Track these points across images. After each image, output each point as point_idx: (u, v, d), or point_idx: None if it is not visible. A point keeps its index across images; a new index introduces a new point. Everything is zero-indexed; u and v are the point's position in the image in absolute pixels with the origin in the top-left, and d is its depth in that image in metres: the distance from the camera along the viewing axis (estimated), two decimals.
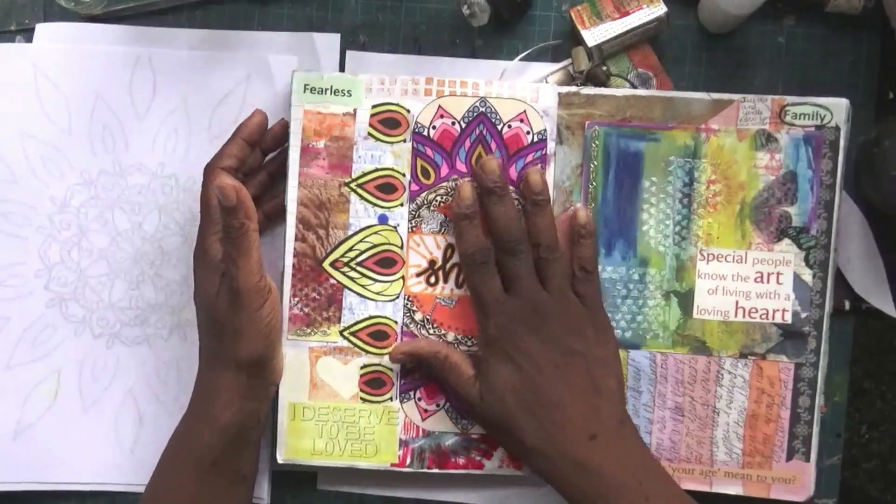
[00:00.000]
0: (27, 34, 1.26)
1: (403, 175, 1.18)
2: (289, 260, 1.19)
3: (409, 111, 1.18)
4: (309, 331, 1.19)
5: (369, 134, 1.18)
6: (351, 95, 1.18)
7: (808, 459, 1.18)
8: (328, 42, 1.26)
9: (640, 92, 1.19)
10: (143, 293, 1.26)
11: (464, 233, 1.14)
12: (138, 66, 1.25)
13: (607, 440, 1.11)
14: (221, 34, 1.26)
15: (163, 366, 1.26)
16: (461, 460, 1.21)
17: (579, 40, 1.22)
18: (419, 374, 1.20)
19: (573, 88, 1.19)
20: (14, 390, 1.25)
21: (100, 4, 1.23)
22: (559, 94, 1.19)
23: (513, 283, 1.13)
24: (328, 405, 1.19)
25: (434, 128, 1.18)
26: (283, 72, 1.24)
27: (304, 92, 1.17)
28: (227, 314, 1.11)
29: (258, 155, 1.20)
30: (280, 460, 1.19)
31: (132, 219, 1.26)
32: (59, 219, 1.26)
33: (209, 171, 1.14)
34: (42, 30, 1.26)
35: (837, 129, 1.16)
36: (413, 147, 1.18)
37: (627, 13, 1.20)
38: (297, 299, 1.18)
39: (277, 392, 1.19)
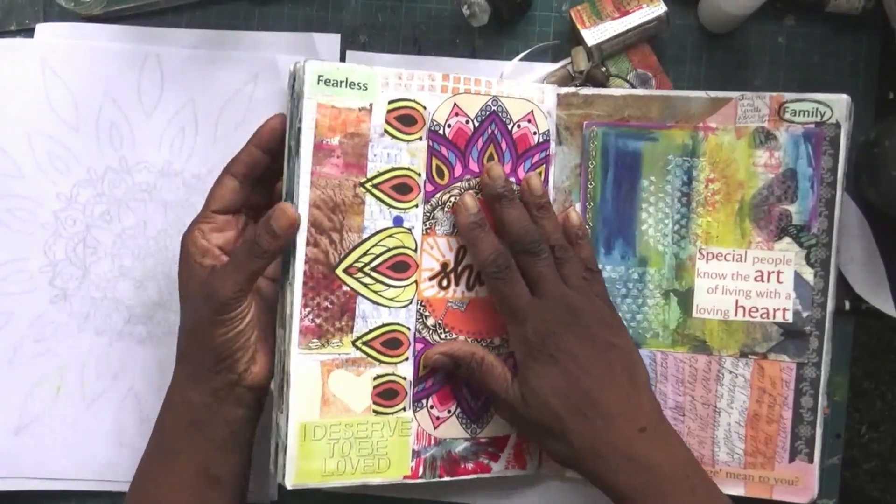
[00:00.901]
0: (27, 34, 1.24)
1: (419, 175, 1.12)
2: (300, 267, 1.08)
3: (425, 108, 1.11)
4: (320, 343, 1.09)
5: (385, 131, 1.10)
6: (367, 89, 1.09)
7: (811, 461, 1.14)
8: (328, 42, 1.23)
9: (638, 91, 1.17)
10: (146, 291, 1.23)
11: (478, 241, 1.10)
12: (147, 64, 1.22)
13: (655, 432, 1.07)
14: (221, 34, 1.23)
15: (166, 364, 1.19)
16: (470, 465, 1.16)
17: (579, 40, 1.19)
18: (437, 378, 1.15)
19: (571, 89, 1.16)
20: (17, 386, 1.22)
21: (99, 4, 1.20)
22: (558, 94, 1.16)
23: (539, 285, 1.09)
24: (340, 421, 1.10)
25: (449, 126, 1.12)
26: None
27: (318, 83, 1.07)
28: (197, 307, 1.07)
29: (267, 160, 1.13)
30: (289, 486, 1.09)
31: (137, 216, 1.23)
32: (64, 215, 1.23)
33: (221, 174, 1.11)
34: (42, 30, 1.23)
35: (838, 125, 1.12)
36: (429, 146, 1.12)
37: (627, 12, 1.18)
38: (308, 310, 1.08)
39: (264, 403, 1.13)
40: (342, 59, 1.22)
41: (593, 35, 1.17)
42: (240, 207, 1.12)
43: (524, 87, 1.15)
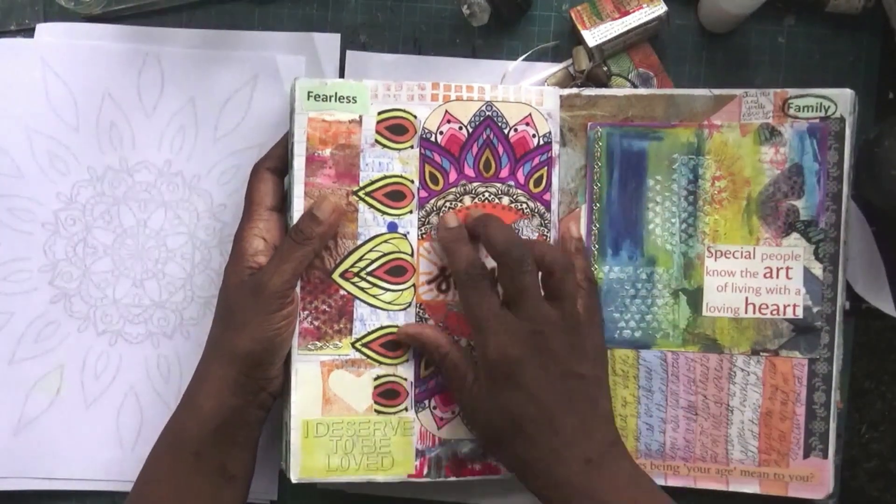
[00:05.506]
0: (27, 34, 1.19)
1: (412, 182, 1.09)
2: None
3: (415, 117, 1.09)
4: (320, 344, 1.08)
5: (376, 141, 1.08)
6: (356, 102, 1.08)
7: (825, 456, 1.10)
8: (328, 42, 1.18)
9: (642, 91, 1.13)
10: (146, 291, 1.18)
11: (454, 251, 1.06)
12: (147, 64, 1.18)
13: (601, 463, 1.00)
14: (221, 34, 1.19)
15: (165, 364, 1.18)
16: (478, 466, 1.11)
17: (580, 40, 1.15)
18: (438, 379, 1.10)
19: (574, 90, 1.12)
20: (17, 386, 1.18)
21: (99, 4, 1.17)
22: (560, 96, 1.11)
23: (518, 300, 1.02)
24: (342, 420, 1.08)
25: (441, 133, 1.09)
26: (290, 72, 1.17)
27: (308, 99, 1.07)
28: (242, 304, 1.04)
29: None
30: (294, 480, 1.08)
31: (137, 216, 1.18)
32: (64, 215, 1.18)
33: (254, 170, 1.10)
34: (42, 30, 1.19)
35: (842, 119, 1.08)
36: (421, 153, 1.09)
37: (627, 13, 1.13)
38: (306, 312, 1.07)
39: (276, 404, 1.09)
40: (342, 58, 1.18)
41: (594, 36, 1.13)
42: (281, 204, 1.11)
43: (521, 91, 1.10)
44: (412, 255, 1.09)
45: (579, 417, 1.00)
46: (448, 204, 1.09)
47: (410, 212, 1.08)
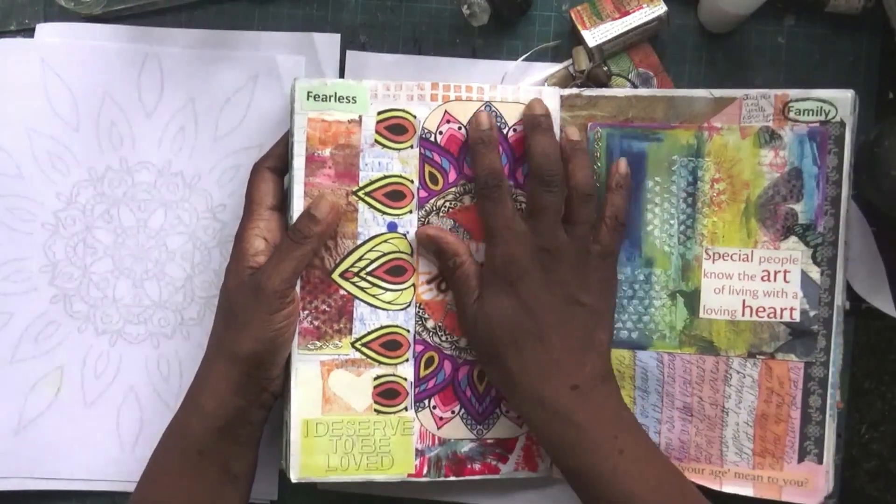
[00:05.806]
0: (27, 34, 1.19)
1: (412, 182, 1.09)
2: None
3: (415, 117, 1.09)
4: (320, 344, 1.08)
5: (376, 141, 1.08)
6: (356, 102, 1.08)
7: (820, 461, 1.09)
8: (328, 42, 1.18)
9: (642, 92, 1.12)
10: (146, 291, 1.18)
11: (478, 156, 1.06)
12: (147, 64, 1.18)
13: (588, 392, 1.02)
14: (221, 34, 1.19)
15: (165, 364, 1.18)
16: (477, 466, 1.12)
17: (580, 40, 1.14)
18: (438, 378, 1.11)
19: (574, 91, 1.11)
20: (17, 386, 1.18)
21: (99, 4, 1.16)
22: (561, 96, 1.11)
23: (536, 215, 1.04)
24: (342, 419, 1.09)
25: (441, 133, 1.09)
26: (290, 72, 1.17)
27: (308, 99, 1.07)
28: (243, 304, 1.04)
29: None
30: (294, 479, 1.09)
31: (137, 216, 1.18)
32: (64, 215, 1.18)
33: (254, 169, 1.10)
34: (42, 30, 1.19)
35: (842, 124, 1.08)
36: (421, 153, 1.09)
37: (627, 13, 1.13)
38: (306, 312, 1.08)
39: (276, 403, 1.09)
40: (342, 58, 1.18)
41: (594, 36, 1.13)
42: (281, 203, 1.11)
43: (520, 92, 1.10)
44: (412, 254, 1.09)
45: (572, 343, 1.02)
46: (448, 204, 1.09)
47: (410, 212, 1.08)
